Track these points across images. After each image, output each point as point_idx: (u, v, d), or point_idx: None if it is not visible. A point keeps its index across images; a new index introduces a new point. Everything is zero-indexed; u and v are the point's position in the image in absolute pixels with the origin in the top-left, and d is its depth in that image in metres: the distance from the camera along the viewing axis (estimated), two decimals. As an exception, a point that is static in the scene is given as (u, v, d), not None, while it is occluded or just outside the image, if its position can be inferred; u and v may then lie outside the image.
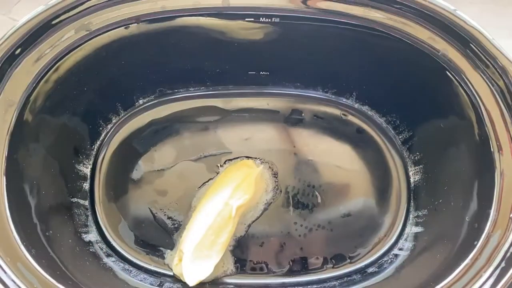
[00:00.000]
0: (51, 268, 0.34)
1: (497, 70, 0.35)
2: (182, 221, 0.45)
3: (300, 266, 0.44)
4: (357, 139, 0.48)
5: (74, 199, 0.44)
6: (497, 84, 0.35)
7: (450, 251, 0.36)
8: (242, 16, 0.39)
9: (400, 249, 0.44)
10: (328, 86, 0.48)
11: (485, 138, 0.35)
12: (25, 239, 0.33)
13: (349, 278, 0.43)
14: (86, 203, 0.45)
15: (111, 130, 0.48)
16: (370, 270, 0.44)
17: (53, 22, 0.36)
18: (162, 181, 0.46)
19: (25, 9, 0.52)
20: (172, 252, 0.44)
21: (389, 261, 0.43)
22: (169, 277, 0.43)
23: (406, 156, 0.47)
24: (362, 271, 0.44)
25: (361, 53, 0.42)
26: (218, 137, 0.48)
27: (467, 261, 0.33)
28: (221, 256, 0.41)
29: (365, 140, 0.48)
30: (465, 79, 0.36)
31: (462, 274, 0.33)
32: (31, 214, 0.36)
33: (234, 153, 0.47)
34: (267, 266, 0.44)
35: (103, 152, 0.47)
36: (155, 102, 0.49)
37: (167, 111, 0.49)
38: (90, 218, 0.45)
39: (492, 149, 0.35)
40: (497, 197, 0.34)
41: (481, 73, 0.36)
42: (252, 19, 0.39)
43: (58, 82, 0.38)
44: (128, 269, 0.43)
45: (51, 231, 0.38)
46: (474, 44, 0.36)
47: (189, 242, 0.41)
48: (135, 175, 0.47)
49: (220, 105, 0.49)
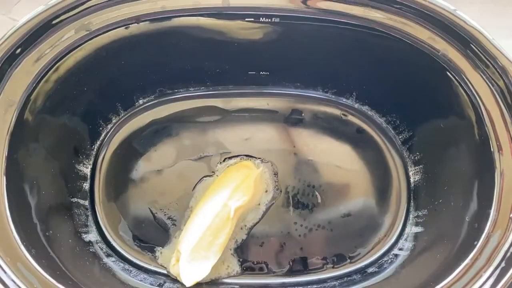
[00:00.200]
0: (51, 268, 0.34)
1: (497, 70, 0.35)
2: (179, 221, 0.45)
3: (300, 266, 0.44)
4: (357, 139, 0.48)
5: (74, 199, 0.44)
6: (497, 84, 0.35)
7: (450, 251, 0.36)
8: (242, 16, 0.39)
9: (400, 249, 0.44)
10: (328, 86, 0.48)
11: (485, 138, 0.35)
12: (25, 239, 0.33)
13: (349, 278, 0.43)
14: (86, 203, 0.45)
15: (111, 130, 0.48)
16: (370, 270, 0.44)
17: (53, 22, 0.36)
18: (162, 181, 0.46)
19: (25, 9, 0.52)
20: (164, 250, 0.44)
21: (389, 261, 0.43)
22: (170, 277, 0.43)
23: (406, 156, 0.47)
24: (362, 271, 0.44)
25: (361, 53, 0.42)
26: (218, 137, 0.48)
27: (467, 261, 0.33)
28: (218, 257, 0.41)
29: (365, 140, 0.48)
30: (465, 79, 0.36)
31: (462, 274, 0.33)
32: (31, 214, 0.36)
33: (234, 153, 0.47)
34: (267, 266, 0.44)
35: (103, 152, 0.47)
36: (155, 102, 0.49)
37: (167, 111, 0.49)
38: (90, 218, 0.45)
39: (492, 149, 0.35)
40: (497, 197, 0.34)
41: (481, 73, 0.36)
42: (252, 19, 0.39)
43: (58, 82, 0.38)
44: (128, 269, 0.43)
45: (51, 231, 0.38)
46: (474, 44, 0.36)
47: (186, 242, 0.41)
48: (135, 175, 0.47)
49: (220, 105, 0.49)
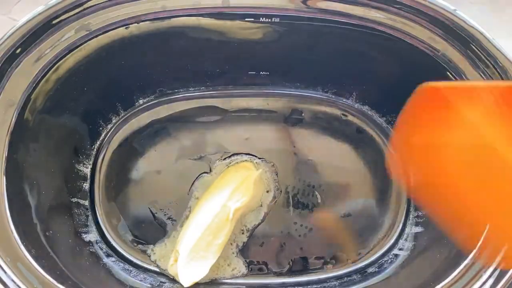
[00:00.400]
0: (51, 268, 0.34)
1: (497, 70, 0.35)
2: (179, 221, 0.45)
3: (300, 266, 0.44)
4: (357, 139, 0.48)
5: (74, 199, 0.44)
6: (497, 84, 0.35)
7: (450, 251, 0.36)
8: (242, 16, 0.39)
9: (400, 249, 0.44)
10: (328, 86, 0.48)
11: (485, 138, 0.35)
12: (25, 239, 0.33)
13: (349, 278, 0.43)
14: (86, 203, 0.45)
15: (111, 130, 0.48)
16: (370, 270, 0.43)
17: (53, 22, 0.36)
18: (162, 181, 0.46)
19: (25, 9, 0.52)
20: (155, 248, 0.44)
21: (389, 261, 0.43)
22: (169, 278, 0.43)
23: (406, 156, 0.47)
24: (362, 271, 0.44)
25: (361, 53, 0.42)
26: (218, 137, 0.48)
27: (467, 261, 0.33)
28: (217, 257, 0.41)
29: (365, 140, 0.48)
30: (465, 79, 0.36)
31: (462, 274, 0.33)
32: (31, 214, 0.36)
33: (234, 152, 0.47)
34: (267, 266, 0.44)
35: (103, 152, 0.47)
36: (155, 102, 0.49)
37: (167, 111, 0.49)
38: (90, 218, 0.45)
39: (492, 149, 0.35)
40: (497, 197, 0.34)
41: (481, 73, 0.36)
42: (252, 19, 0.39)
43: (58, 82, 0.38)
44: (128, 269, 0.43)
45: (51, 231, 0.38)
46: (474, 44, 0.36)
47: (185, 243, 0.41)
48: (135, 175, 0.47)
49: (220, 105, 0.49)
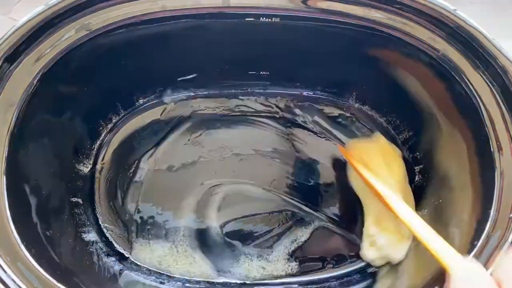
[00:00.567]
0: (51, 268, 0.34)
1: (497, 70, 0.35)
2: (178, 220, 0.45)
3: (300, 266, 0.44)
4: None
5: (74, 199, 0.44)
6: (497, 84, 0.35)
7: (450, 251, 0.36)
8: (242, 16, 0.39)
9: (400, 249, 0.44)
10: (328, 86, 0.48)
11: (485, 138, 0.35)
12: (25, 239, 0.33)
13: (349, 278, 0.43)
14: (86, 203, 0.45)
15: (111, 130, 0.48)
16: (370, 270, 0.43)
17: (53, 22, 0.36)
18: (162, 181, 0.46)
19: (25, 9, 0.52)
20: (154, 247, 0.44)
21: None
22: (169, 277, 0.43)
23: (406, 156, 0.47)
24: (362, 271, 0.44)
25: (361, 53, 0.42)
26: (218, 137, 0.48)
27: (470, 256, 0.33)
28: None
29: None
30: (465, 79, 0.36)
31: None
32: (31, 214, 0.36)
33: (234, 153, 0.47)
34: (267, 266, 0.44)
35: (103, 152, 0.47)
36: (155, 102, 0.49)
37: (167, 111, 0.49)
38: (90, 218, 0.45)
39: (492, 149, 0.35)
40: (497, 197, 0.34)
41: (481, 73, 0.36)
42: (252, 19, 0.39)
43: (58, 82, 0.38)
44: (128, 269, 0.43)
45: (51, 231, 0.38)
46: (474, 44, 0.36)
47: (372, 224, 0.42)
48: (135, 175, 0.47)
49: (220, 105, 0.49)
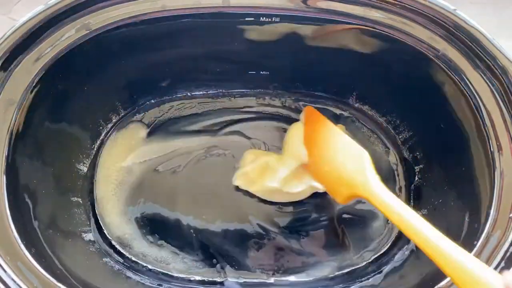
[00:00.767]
0: (51, 267, 0.34)
1: (497, 70, 0.35)
2: (178, 220, 0.45)
3: (300, 266, 0.44)
4: (356, 139, 0.48)
5: (74, 199, 0.44)
6: (497, 84, 0.35)
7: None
8: (242, 16, 0.39)
9: (400, 249, 0.44)
10: (328, 86, 0.48)
11: (485, 138, 0.35)
12: (25, 238, 0.33)
13: (349, 278, 0.43)
14: (86, 202, 0.45)
15: (111, 130, 0.48)
16: (370, 269, 0.43)
17: (53, 21, 0.36)
18: (161, 181, 0.46)
19: (25, 9, 0.52)
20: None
21: (389, 261, 0.43)
22: (169, 277, 0.43)
23: (406, 156, 0.47)
24: (362, 272, 0.44)
25: (361, 53, 0.42)
26: (219, 137, 0.48)
27: (472, 254, 0.33)
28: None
29: (365, 140, 0.48)
30: (465, 79, 0.36)
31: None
32: (31, 214, 0.36)
33: (234, 152, 0.47)
34: (266, 266, 0.44)
35: (103, 152, 0.47)
36: (155, 101, 0.49)
37: (167, 110, 0.49)
38: (90, 217, 0.45)
39: (492, 149, 0.35)
40: (497, 197, 0.34)
41: (481, 73, 0.36)
42: (252, 18, 0.39)
43: (58, 82, 0.38)
44: (127, 269, 0.43)
45: (51, 231, 0.38)
46: (474, 44, 0.36)
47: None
48: (135, 174, 0.47)
49: (220, 104, 0.49)
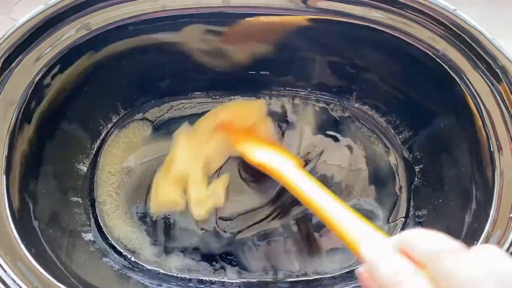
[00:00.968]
0: (51, 267, 0.34)
1: (497, 70, 0.35)
2: (177, 220, 0.45)
3: (300, 266, 0.44)
4: (356, 139, 0.48)
5: (74, 199, 0.44)
6: (497, 84, 0.35)
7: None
8: (242, 16, 0.39)
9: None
10: (328, 86, 0.48)
11: (485, 138, 0.35)
12: (25, 238, 0.33)
13: (349, 278, 0.43)
14: (86, 202, 0.45)
15: (111, 130, 0.48)
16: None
17: (53, 21, 0.36)
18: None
19: (25, 9, 0.52)
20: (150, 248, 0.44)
21: (389, 261, 0.43)
22: (169, 277, 0.43)
23: (406, 156, 0.47)
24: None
25: (361, 53, 0.42)
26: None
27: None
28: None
29: (365, 140, 0.48)
30: (465, 79, 0.36)
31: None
32: (31, 214, 0.36)
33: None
34: (267, 266, 0.44)
35: (103, 152, 0.47)
36: (155, 101, 0.49)
37: (167, 110, 0.49)
38: (90, 217, 0.45)
39: (492, 149, 0.35)
40: (497, 197, 0.34)
41: (481, 73, 0.36)
42: (252, 18, 0.39)
43: (58, 81, 0.38)
44: (127, 269, 0.43)
45: (51, 230, 0.38)
46: (474, 44, 0.36)
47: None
48: (135, 174, 0.47)
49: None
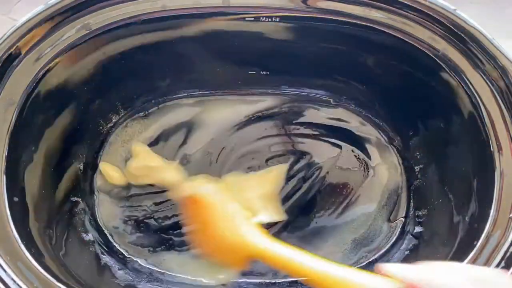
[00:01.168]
0: (51, 267, 0.34)
1: (497, 70, 0.35)
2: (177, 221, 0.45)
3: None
4: (356, 139, 0.48)
5: (74, 199, 0.44)
6: (497, 84, 0.35)
7: (450, 251, 0.36)
8: (242, 16, 0.39)
9: (400, 249, 0.44)
10: (328, 86, 0.48)
11: (485, 138, 0.35)
12: (25, 238, 0.33)
13: (349, 278, 0.43)
14: (86, 202, 0.45)
15: (112, 130, 0.48)
16: (370, 269, 0.43)
17: (53, 21, 0.36)
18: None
19: (25, 9, 0.52)
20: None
21: (390, 261, 0.43)
22: (169, 277, 0.43)
23: (406, 156, 0.47)
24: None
25: (361, 53, 0.42)
26: (218, 137, 0.48)
27: (467, 261, 0.33)
28: None
29: (365, 141, 0.48)
30: (465, 79, 0.36)
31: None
32: (31, 214, 0.36)
33: (234, 152, 0.47)
34: (267, 266, 0.44)
35: (103, 152, 0.47)
36: (155, 101, 0.49)
37: (167, 111, 0.49)
38: (90, 217, 0.45)
39: (492, 149, 0.35)
40: (497, 197, 0.34)
41: (481, 73, 0.36)
42: (252, 18, 0.39)
43: (58, 81, 0.38)
44: (128, 269, 0.43)
45: (51, 231, 0.38)
46: (474, 44, 0.36)
47: None
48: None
49: (221, 105, 0.49)
